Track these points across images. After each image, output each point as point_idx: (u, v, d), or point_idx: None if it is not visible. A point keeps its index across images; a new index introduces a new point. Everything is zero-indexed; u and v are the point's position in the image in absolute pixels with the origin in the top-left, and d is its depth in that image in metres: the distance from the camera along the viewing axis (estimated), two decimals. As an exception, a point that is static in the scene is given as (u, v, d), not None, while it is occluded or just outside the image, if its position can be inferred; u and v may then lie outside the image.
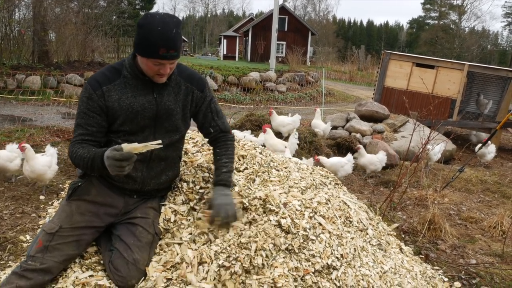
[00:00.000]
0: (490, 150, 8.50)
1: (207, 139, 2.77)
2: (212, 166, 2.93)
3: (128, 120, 2.38)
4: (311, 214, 2.60)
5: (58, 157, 5.85)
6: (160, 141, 2.17)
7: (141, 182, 2.51)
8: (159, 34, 2.15)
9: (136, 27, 2.25)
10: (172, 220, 2.55)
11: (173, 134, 2.54)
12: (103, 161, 2.16)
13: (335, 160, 6.09)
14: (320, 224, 2.57)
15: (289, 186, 2.97)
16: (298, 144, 7.19)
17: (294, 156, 6.19)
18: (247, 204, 2.57)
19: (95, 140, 2.36)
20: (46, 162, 4.52)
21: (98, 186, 2.47)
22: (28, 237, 3.37)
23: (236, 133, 6.26)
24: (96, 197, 2.45)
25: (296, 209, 2.58)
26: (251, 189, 2.67)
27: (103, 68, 2.43)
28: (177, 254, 2.34)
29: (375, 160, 6.84)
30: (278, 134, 7.35)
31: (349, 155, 6.16)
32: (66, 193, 4.15)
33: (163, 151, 2.49)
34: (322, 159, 5.99)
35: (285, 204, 2.59)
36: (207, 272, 2.19)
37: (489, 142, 7.63)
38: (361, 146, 7.02)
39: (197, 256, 2.26)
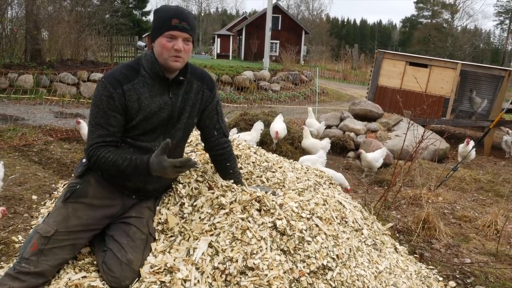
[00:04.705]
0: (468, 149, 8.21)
1: (206, 142, 2.76)
2: (207, 166, 2.92)
3: (145, 120, 2.36)
4: (308, 216, 2.58)
5: (51, 157, 5.85)
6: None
7: (144, 180, 2.47)
8: (172, 9, 2.33)
9: (153, 16, 2.39)
10: (165, 221, 2.53)
11: (182, 133, 2.56)
12: (148, 169, 2.25)
13: (306, 157, 6.08)
14: (317, 225, 2.56)
15: (286, 188, 2.98)
16: (292, 143, 7.20)
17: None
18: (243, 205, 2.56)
19: (116, 140, 2.35)
20: None
21: (96, 188, 2.43)
22: (20, 237, 3.34)
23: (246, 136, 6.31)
24: (93, 199, 2.41)
25: (293, 211, 2.57)
26: (246, 191, 2.65)
27: (119, 67, 2.39)
28: (171, 256, 2.32)
29: (318, 145, 6.94)
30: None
31: (321, 151, 6.09)
32: (59, 192, 4.14)
33: (171, 150, 2.49)
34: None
35: (280, 206, 2.57)
36: (202, 274, 2.18)
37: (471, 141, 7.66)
38: (306, 128, 7.15)
39: (191, 260, 2.25)
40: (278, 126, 7.03)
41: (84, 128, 6.03)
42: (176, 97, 2.45)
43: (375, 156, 6.55)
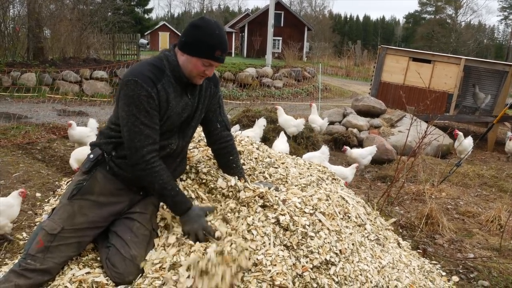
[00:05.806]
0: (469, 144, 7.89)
1: (209, 136, 2.76)
2: (210, 163, 2.91)
3: (168, 121, 2.37)
4: (311, 211, 2.58)
5: (54, 154, 5.86)
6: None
7: None
8: (217, 36, 2.27)
9: (190, 27, 2.30)
10: (168, 218, 2.53)
11: (192, 130, 2.60)
12: (186, 209, 2.36)
13: (309, 154, 6.05)
14: (320, 221, 2.55)
15: (289, 184, 2.97)
16: (295, 139, 7.21)
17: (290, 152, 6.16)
18: (245, 201, 2.56)
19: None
20: None
21: (103, 184, 2.41)
22: (24, 234, 3.36)
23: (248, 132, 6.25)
24: (100, 197, 2.41)
25: (296, 206, 2.57)
26: (249, 187, 2.65)
27: (144, 65, 2.33)
28: (174, 253, 2.32)
29: (291, 123, 7.22)
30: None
31: (323, 148, 6.05)
32: (62, 190, 4.15)
33: (182, 147, 2.56)
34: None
35: (283, 201, 2.57)
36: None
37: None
38: (279, 108, 7.55)
39: (194, 255, 2.25)
40: (280, 146, 6.04)
41: (75, 128, 5.72)
42: (193, 98, 2.48)
43: (361, 153, 6.55)
